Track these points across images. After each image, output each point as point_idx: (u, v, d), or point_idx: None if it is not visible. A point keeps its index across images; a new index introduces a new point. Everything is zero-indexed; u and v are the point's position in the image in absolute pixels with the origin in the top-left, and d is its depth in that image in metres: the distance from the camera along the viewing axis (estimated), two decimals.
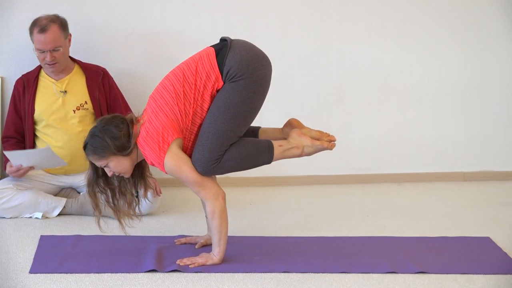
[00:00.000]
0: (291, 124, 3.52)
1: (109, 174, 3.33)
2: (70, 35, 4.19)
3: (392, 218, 4.20)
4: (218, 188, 3.33)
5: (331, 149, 3.43)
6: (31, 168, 4.00)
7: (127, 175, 3.36)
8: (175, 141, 3.28)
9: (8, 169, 4.03)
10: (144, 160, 3.38)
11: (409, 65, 4.91)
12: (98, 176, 3.36)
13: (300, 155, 3.42)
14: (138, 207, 3.46)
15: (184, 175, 3.28)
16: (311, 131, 3.46)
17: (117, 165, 3.30)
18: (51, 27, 4.05)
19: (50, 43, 4.05)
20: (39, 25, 4.05)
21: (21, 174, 4.00)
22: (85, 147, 3.30)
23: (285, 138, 3.46)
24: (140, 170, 3.42)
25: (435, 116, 4.98)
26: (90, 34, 4.44)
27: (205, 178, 3.31)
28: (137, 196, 3.43)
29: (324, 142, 3.41)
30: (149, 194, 3.74)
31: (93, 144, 3.27)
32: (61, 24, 4.10)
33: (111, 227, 3.62)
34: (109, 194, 3.39)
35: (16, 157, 3.96)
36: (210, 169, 3.29)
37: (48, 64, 4.10)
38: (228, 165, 3.31)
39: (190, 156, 3.33)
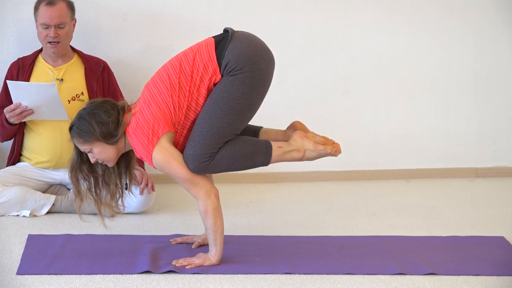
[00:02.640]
0: (295, 127, 3.51)
1: (92, 160, 3.35)
2: (75, 20, 4.24)
3: (400, 216, 4.20)
4: (210, 186, 3.32)
5: (335, 155, 3.42)
6: (30, 112, 3.97)
7: (110, 164, 3.38)
8: (166, 135, 3.29)
9: (5, 109, 4.02)
10: (132, 150, 3.39)
11: (419, 55, 4.92)
12: (82, 162, 3.39)
13: (300, 159, 3.41)
14: (122, 199, 3.47)
15: (173, 171, 3.28)
16: (316, 136, 3.45)
17: (101, 152, 3.32)
18: (59, 2, 4.12)
19: (57, 17, 4.09)
20: None
21: (18, 114, 3.98)
22: (70, 128, 3.34)
23: (287, 141, 3.44)
24: (127, 161, 3.44)
25: (446, 109, 4.99)
26: (79, 20, 4.42)
27: (196, 175, 3.30)
28: (126, 188, 3.45)
29: (328, 147, 3.40)
30: (133, 188, 3.75)
31: (79, 127, 3.30)
32: (69, 3, 4.18)
33: (98, 225, 3.62)
34: (92, 182, 3.41)
35: (17, 90, 3.94)
36: (202, 167, 3.28)
37: (50, 43, 4.13)
38: (221, 164, 3.30)
39: (181, 152, 3.33)
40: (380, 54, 4.87)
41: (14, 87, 3.94)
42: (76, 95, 4.18)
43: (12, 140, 4.24)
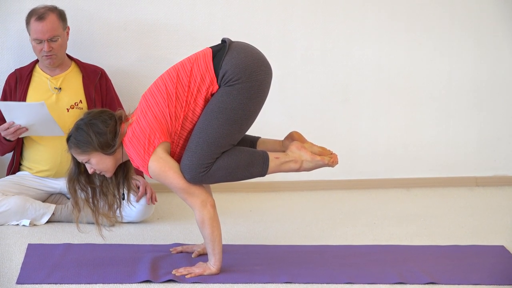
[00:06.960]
0: (293, 137, 3.52)
1: (90, 171, 3.36)
2: (69, 28, 4.24)
3: (400, 225, 4.22)
4: (206, 195, 3.33)
5: (332, 166, 3.44)
6: (25, 129, 3.98)
7: (108, 175, 3.39)
8: (162, 145, 3.30)
9: (0, 128, 4.04)
10: (130, 160, 3.40)
11: (419, 63, 4.93)
12: (80, 173, 3.41)
13: (297, 170, 3.43)
14: (120, 210, 3.49)
15: (169, 180, 3.29)
16: (313, 146, 3.47)
17: (99, 163, 3.34)
18: (49, 16, 4.10)
19: (48, 32, 4.09)
20: (36, 13, 4.10)
21: (12, 132, 3.99)
22: (68, 139, 3.35)
23: (284, 151, 3.45)
24: (125, 171, 3.46)
25: (446, 118, 4.99)
26: (78, 29, 4.44)
27: (192, 185, 3.31)
28: (123, 199, 3.46)
29: (325, 158, 3.42)
30: (132, 197, 3.77)
31: (77, 137, 3.32)
32: (60, 14, 4.16)
33: (97, 234, 3.61)
34: (90, 193, 3.42)
35: (9, 110, 3.95)
36: (198, 177, 3.29)
37: (46, 56, 4.13)
38: (218, 175, 3.31)
39: (178, 162, 3.34)
40: (380, 62, 4.88)
41: (6, 107, 3.96)
42: (75, 103, 4.19)
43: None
